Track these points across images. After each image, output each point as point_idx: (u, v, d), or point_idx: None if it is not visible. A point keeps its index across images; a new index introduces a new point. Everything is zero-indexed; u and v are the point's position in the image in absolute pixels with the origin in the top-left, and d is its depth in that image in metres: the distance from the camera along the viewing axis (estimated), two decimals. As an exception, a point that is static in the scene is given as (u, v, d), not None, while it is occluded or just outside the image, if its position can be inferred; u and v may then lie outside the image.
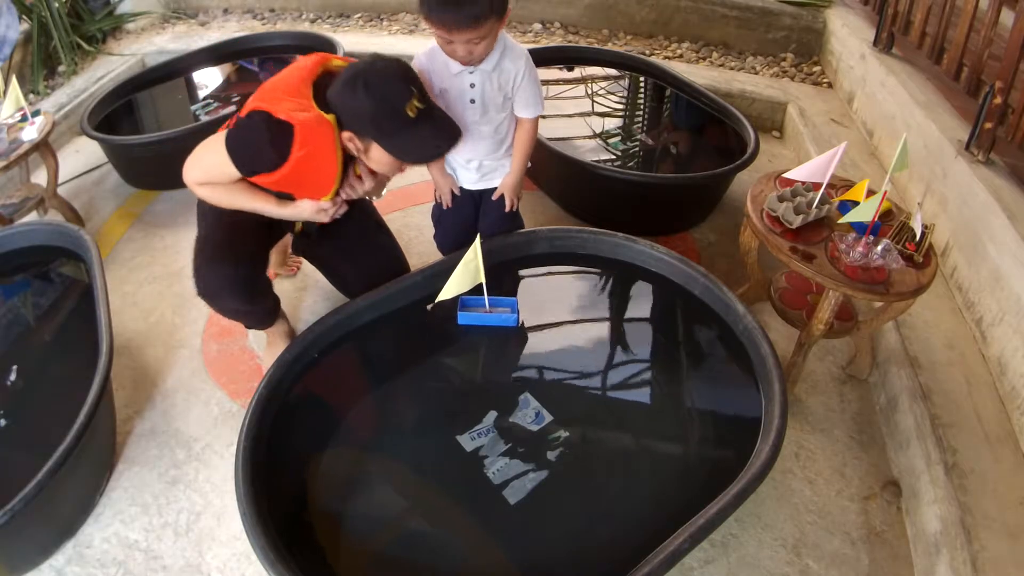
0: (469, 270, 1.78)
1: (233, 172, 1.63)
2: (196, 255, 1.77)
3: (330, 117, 1.59)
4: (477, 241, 1.76)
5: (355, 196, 1.80)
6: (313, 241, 1.99)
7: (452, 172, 2.02)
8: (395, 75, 1.57)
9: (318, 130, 1.59)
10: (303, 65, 1.67)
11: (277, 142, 1.56)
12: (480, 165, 1.97)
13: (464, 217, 2.10)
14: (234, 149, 1.59)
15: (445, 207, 2.08)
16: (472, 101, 1.81)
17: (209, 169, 1.66)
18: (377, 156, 1.65)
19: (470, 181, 2.02)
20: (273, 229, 1.91)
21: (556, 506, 1.52)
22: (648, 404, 1.79)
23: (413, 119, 1.56)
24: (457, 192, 2.04)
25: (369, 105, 1.54)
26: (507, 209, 2.04)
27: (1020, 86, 2.16)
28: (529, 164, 2.01)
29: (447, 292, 1.79)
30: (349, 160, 1.73)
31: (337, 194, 1.75)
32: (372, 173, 1.78)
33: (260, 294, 1.87)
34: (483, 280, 1.81)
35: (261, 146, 1.57)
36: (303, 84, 1.62)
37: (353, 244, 1.99)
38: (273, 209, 1.74)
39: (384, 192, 1.94)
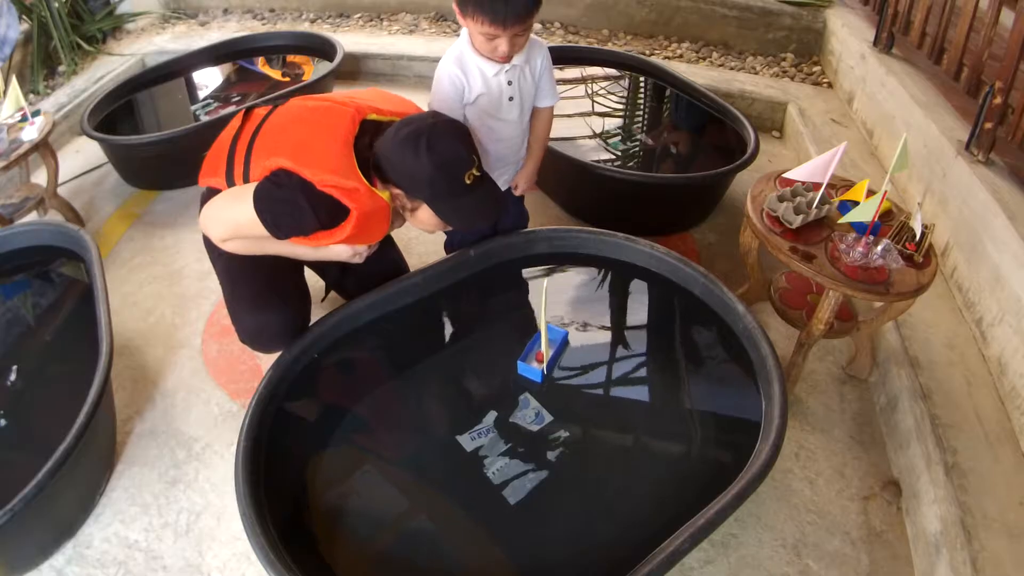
0: (543, 321, 1.71)
1: (263, 233, 1.53)
2: (235, 303, 1.70)
3: (384, 195, 1.54)
4: (545, 288, 1.66)
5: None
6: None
7: None
8: (457, 139, 1.52)
9: (375, 214, 1.54)
10: (338, 123, 1.55)
11: (324, 218, 1.50)
12: (507, 168, 1.98)
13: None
14: (271, 218, 1.50)
15: None
16: (511, 99, 1.81)
17: (239, 227, 1.57)
18: (424, 216, 1.59)
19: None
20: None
21: (556, 506, 1.52)
22: (648, 404, 1.79)
23: (470, 186, 1.51)
24: None
25: (430, 170, 1.46)
26: (520, 192, 2.04)
27: (1020, 86, 2.16)
28: None
29: (546, 353, 1.75)
30: None
31: None
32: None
33: (305, 329, 1.81)
34: (543, 320, 1.73)
35: (304, 219, 1.49)
36: (344, 149, 1.52)
37: None
38: (308, 254, 1.68)
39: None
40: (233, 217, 1.56)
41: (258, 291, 1.69)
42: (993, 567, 1.45)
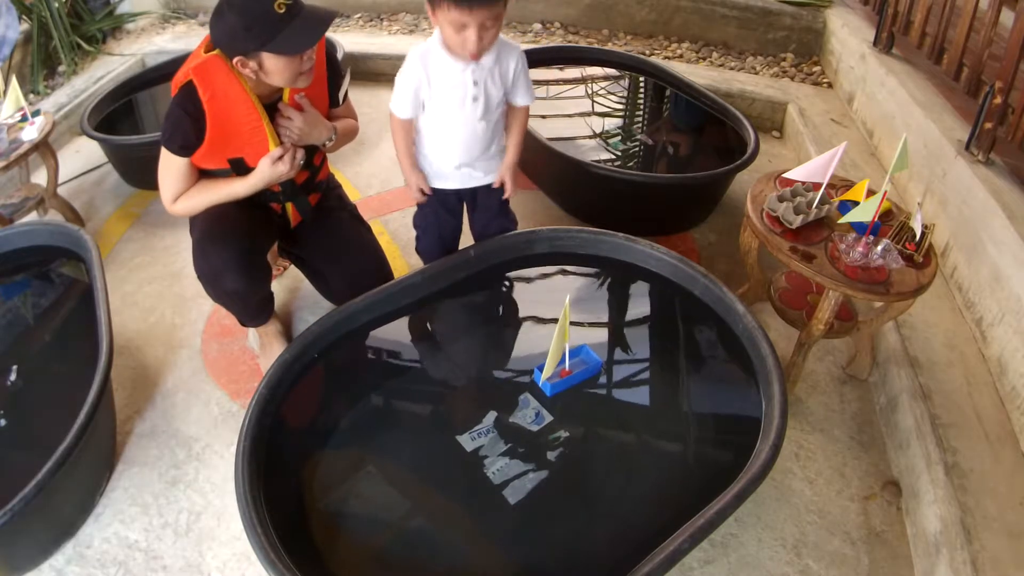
0: (561, 335, 1.63)
1: (179, 162, 1.72)
2: (196, 236, 1.80)
3: (215, 52, 1.66)
4: (567, 303, 1.60)
5: (296, 136, 1.78)
6: (296, 241, 2.01)
7: (437, 176, 1.94)
8: None
9: (208, 67, 1.66)
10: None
11: (185, 103, 1.66)
12: (472, 168, 1.92)
13: (451, 221, 2.05)
14: (163, 137, 1.70)
15: (417, 201, 1.99)
16: (475, 99, 1.79)
17: (166, 175, 1.76)
18: (272, 66, 1.65)
19: (456, 180, 1.95)
20: (268, 217, 1.92)
21: (556, 506, 1.52)
22: (648, 404, 1.79)
23: (285, 13, 1.60)
24: (427, 191, 1.95)
25: (239, 20, 1.58)
26: (507, 195, 1.98)
27: (1020, 86, 2.16)
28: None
29: (549, 366, 1.68)
30: (272, 111, 1.76)
31: (281, 141, 1.77)
32: (298, 108, 1.78)
33: (259, 276, 1.89)
34: (567, 340, 1.67)
35: (176, 116, 1.67)
36: (198, 49, 1.72)
37: (334, 242, 1.99)
38: (242, 187, 1.78)
39: (333, 136, 1.89)
40: (160, 167, 1.76)
41: (204, 230, 1.79)
42: (993, 567, 1.45)
